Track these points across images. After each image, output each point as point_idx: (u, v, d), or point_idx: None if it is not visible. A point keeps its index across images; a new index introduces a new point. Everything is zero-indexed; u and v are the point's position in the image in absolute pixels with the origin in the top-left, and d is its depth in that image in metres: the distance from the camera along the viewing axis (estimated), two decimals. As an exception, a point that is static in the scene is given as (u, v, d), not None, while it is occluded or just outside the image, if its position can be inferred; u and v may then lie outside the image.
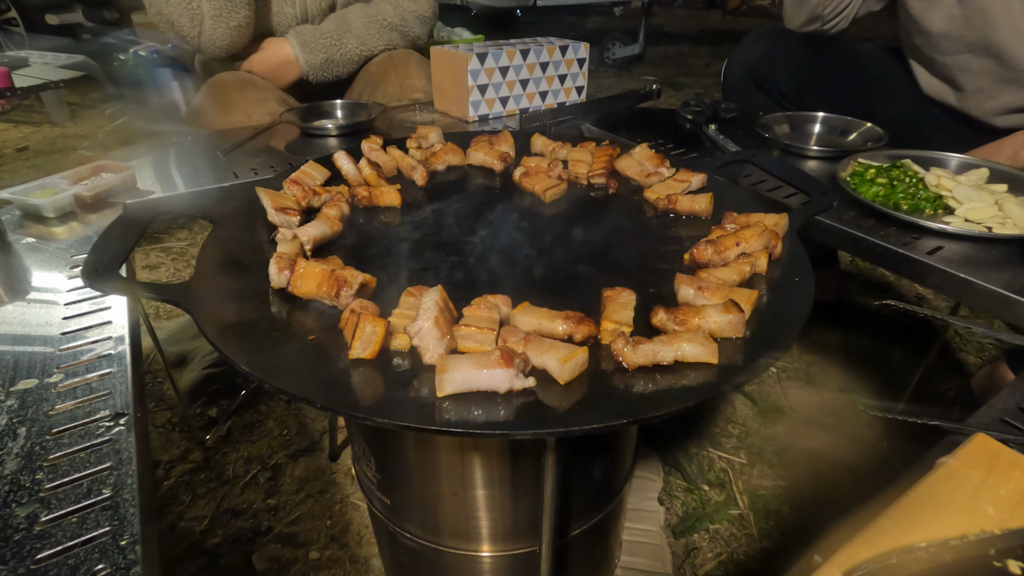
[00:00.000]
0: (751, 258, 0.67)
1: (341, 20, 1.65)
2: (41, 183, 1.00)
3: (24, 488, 0.50)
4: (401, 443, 0.78)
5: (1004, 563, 0.38)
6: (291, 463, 1.30)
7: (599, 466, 0.85)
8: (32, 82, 3.08)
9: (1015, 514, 0.42)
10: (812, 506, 1.20)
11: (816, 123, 1.33)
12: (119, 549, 0.45)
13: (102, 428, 0.56)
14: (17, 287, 0.78)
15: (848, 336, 1.68)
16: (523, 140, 1.08)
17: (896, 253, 0.85)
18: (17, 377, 0.62)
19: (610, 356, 0.55)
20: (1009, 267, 0.80)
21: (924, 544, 0.39)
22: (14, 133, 3.43)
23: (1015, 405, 0.60)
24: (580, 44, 1.48)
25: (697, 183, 0.89)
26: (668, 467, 1.28)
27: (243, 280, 0.67)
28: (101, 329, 0.70)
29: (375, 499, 0.89)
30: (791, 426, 1.40)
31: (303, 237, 0.72)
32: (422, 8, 1.74)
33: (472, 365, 0.50)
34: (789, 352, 1.60)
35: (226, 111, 1.47)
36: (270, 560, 1.10)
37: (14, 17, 4.49)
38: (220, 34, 1.51)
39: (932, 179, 0.98)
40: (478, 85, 1.39)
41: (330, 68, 1.65)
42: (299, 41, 1.59)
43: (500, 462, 0.75)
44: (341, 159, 0.93)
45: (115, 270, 0.67)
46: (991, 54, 1.19)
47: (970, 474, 0.46)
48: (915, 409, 1.25)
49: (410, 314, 0.58)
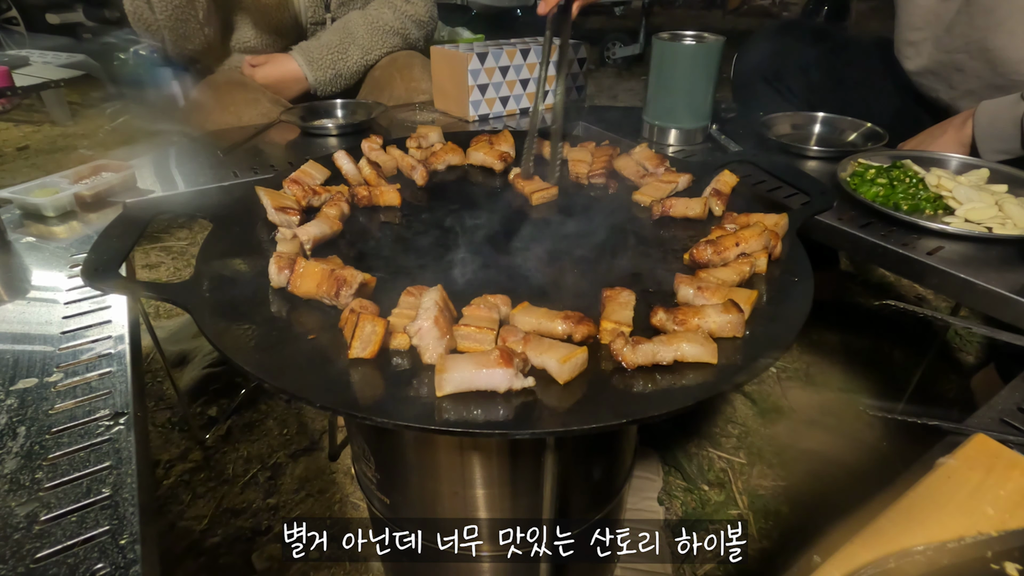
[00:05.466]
0: (751, 258, 0.67)
1: (343, 31, 1.65)
2: (41, 182, 1.00)
3: (24, 487, 0.50)
4: (401, 443, 0.78)
5: (1001, 565, 0.38)
6: (291, 463, 1.30)
7: (598, 466, 0.85)
8: (33, 81, 3.08)
9: (1014, 514, 0.42)
10: (812, 506, 1.20)
11: (816, 123, 1.33)
12: (118, 548, 0.45)
13: (102, 427, 0.56)
14: (17, 286, 0.78)
15: (848, 336, 1.68)
16: (523, 140, 1.08)
17: (896, 253, 0.85)
18: (17, 376, 0.62)
19: (610, 356, 0.54)
20: (1009, 267, 0.80)
21: (922, 547, 0.39)
22: (14, 132, 3.43)
23: (1015, 405, 0.60)
24: (580, 44, 1.48)
25: (684, 183, 0.89)
26: (668, 467, 1.28)
27: (243, 279, 0.67)
28: (101, 328, 0.70)
29: (375, 498, 0.90)
30: (791, 426, 1.40)
31: (303, 236, 0.72)
32: (419, 11, 1.74)
33: (471, 365, 0.50)
34: (789, 352, 1.60)
35: (216, 112, 1.47)
36: (270, 560, 1.10)
37: (15, 16, 4.49)
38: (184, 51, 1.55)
39: (932, 179, 0.98)
40: (478, 85, 1.39)
41: (338, 82, 1.66)
42: (306, 59, 1.59)
43: (500, 462, 0.75)
44: (341, 159, 0.93)
45: (115, 269, 0.67)
46: (986, 58, 1.18)
47: (969, 474, 0.46)
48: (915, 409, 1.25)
49: (410, 314, 0.58)
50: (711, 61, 1.19)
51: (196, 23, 1.47)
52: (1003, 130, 1.04)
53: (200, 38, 1.52)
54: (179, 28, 1.46)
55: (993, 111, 1.05)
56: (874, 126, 1.24)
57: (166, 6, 1.40)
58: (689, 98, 1.22)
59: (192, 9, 1.43)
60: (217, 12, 1.53)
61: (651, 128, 1.29)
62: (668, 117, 1.26)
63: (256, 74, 1.58)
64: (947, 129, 1.14)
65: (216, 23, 1.54)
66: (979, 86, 1.23)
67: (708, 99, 1.24)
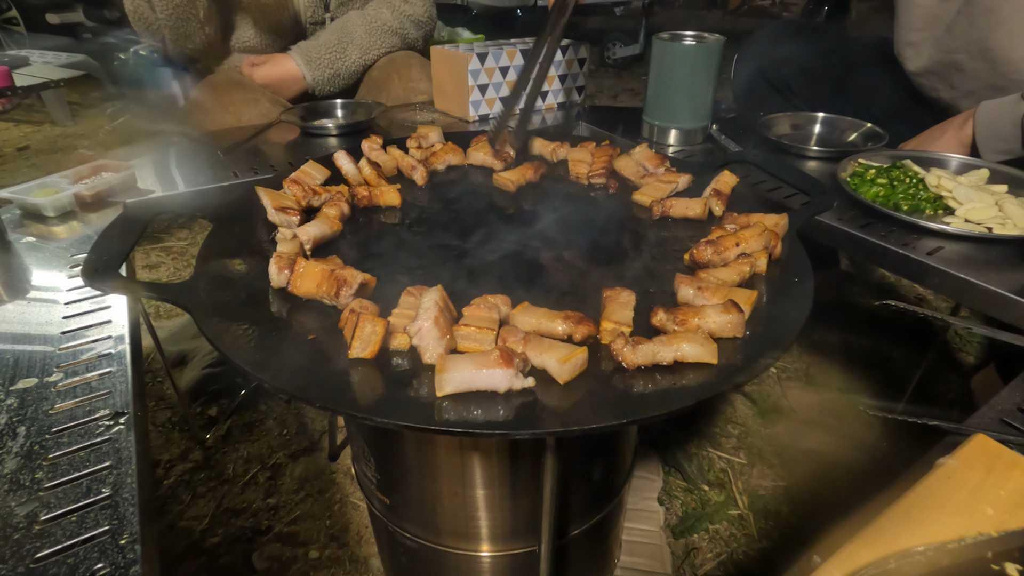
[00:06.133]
0: (751, 258, 0.67)
1: (342, 31, 1.65)
2: (41, 182, 1.00)
3: (24, 487, 0.50)
4: (400, 443, 0.78)
5: (1002, 566, 0.38)
6: (291, 463, 1.30)
7: (599, 466, 0.86)
8: (33, 81, 3.08)
9: (1014, 515, 0.42)
10: (812, 506, 1.20)
11: (816, 123, 1.33)
12: (118, 548, 0.45)
13: (102, 427, 0.56)
14: (17, 286, 0.78)
15: (848, 336, 1.68)
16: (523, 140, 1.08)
17: (896, 253, 0.85)
18: (17, 376, 0.62)
19: (610, 356, 0.54)
20: (1009, 267, 0.80)
21: (922, 548, 0.39)
22: (15, 132, 3.43)
23: (1015, 405, 0.60)
24: (580, 44, 1.48)
25: (683, 184, 0.89)
26: (668, 467, 1.28)
27: (243, 280, 0.67)
28: (101, 328, 0.70)
29: (375, 499, 0.90)
30: (791, 426, 1.40)
31: (303, 237, 0.72)
32: (418, 12, 1.74)
33: (471, 365, 0.50)
34: (789, 352, 1.60)
35: (216, 112, 1.47)
36: (270, 559, 1.10)
37: (15, 16, 4.49)
38: (184, 51, 1.55)
39: (932, 179, 0.98)
40: (478, 85, 1.39)
41: (336, 82, 1.66)
42: (304, 59, 1.60)
43: (500, 462, 0.75)
44: (341, 159, 0.93)
45: (115, 269, 0.67)
46: (987, 58, 1.18)
47: (969, 474, 0.46)
48: (915, 409, 1.25)
49: (410, 314, 0.58)
50: (711, 61, 1.19)
51: (196, 22, 1.47)
52: (1003, 130, 1.04)
53: (200, 37, 1.52)
54: (179, 27, 1.46)
55: (993, 111, 1.05)
56: (874, 126, 1.24)
57: (167, 5, 1.41)
58: (689, 98, 1.22)
59: (193, 8, 1.44)
60: (217, 11, 1.53)
61: (651, 128, 1.29)
62: (668, 117, 1.26)
63: (255, 74, 1.59)
64: (947, 130, 1.14)
65: (216, 22, 1.54)
66: (979, 86, 1.23)
67: (708, 99, 1.24)
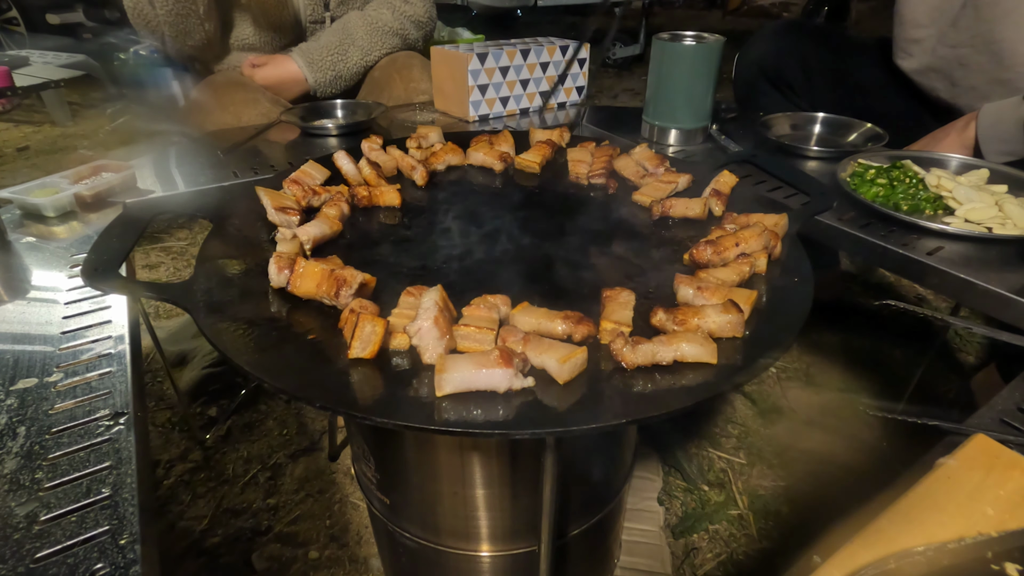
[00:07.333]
0: (751, 258, 0.67)
1: (343, 32, 1.65)
2: (41, 182, 1.00)
3: (24, 487, 0.50)
4: (400, 443, 0.78)
5: (1002, 566, 0.38)
6: (291, 463, 1.30)
7: (598, 466, 0.86)
8: (33, 81, 3.08)
9: (1014, 515, 0.42)
10: (812, 506, 1.20)
11: (816, 123, 1.33)
12: (118, 548, 0.45)
13: (102, 427, 0.56)
14: (17, 286, 0.78)
15: (848, 336, 1.68)
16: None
17: (896, 253, 0.85)
18: (17, 376, 0.62)
19: (609, 356, 0.54)
20: (1009, 267, 0.80)
21: (922, 548, 0.39)
22: (15, 132, 3.43)
23: (1015, 405, 0.60)
24: (581, 44, 1.48)
25: (683, 184, 0.89)
26: (668, 467, 1.28)
27: (243, 279, 0.67)
28: (101, 328, 0.70)
29: (374, 499, 0.90)
30: (791, 426, 1.40)
31: (303, 237, 0.72)
32: (418, 12, 1.74)
33: (471, 365, 0.50)
34: (789, 352, 1.60)
35: (216, 112, 1.47)
36: (270, 560, 1.10)
37: (15, 16, 4.49)
38: (183, 48, 1.55)
39: (932, 180, 0.98)
40: (478, 85, 1.39)
41: (338, 83, 1.66)
42: (306, 61, 1.60)
43: (499, 462, 0.75)
44: (341, 159, 0.93)
45: (115, 269, 0.67)
46: (992, 51, 1.18)
47: (969, 475, 0.46)
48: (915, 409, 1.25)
49: (409, 314, 0.58)
50: (711, 61, 1.19)
51: (196, 19, 1.47)
52: (1006, 132, 1.04)
53: (200, 34, 1.52)
54: (179, 24, 1.46)
55: (996, 113, 1.05)
56: (874, 126, 1.24)
57: (166, 1, 1.41)
58: (689, 98, 1.22)
59: (193, 5, 1.43)
60: (217, 8, 1.53)
61: (651, 128, 1.29)
62: (668, 117, 1.26)
63: (256, 75, 1.59)
64: (950, 132, 1.14)
65: (216, 19, 1.54)
66: (982, 81, 1.23)
67: (708, 99, 1.24)
